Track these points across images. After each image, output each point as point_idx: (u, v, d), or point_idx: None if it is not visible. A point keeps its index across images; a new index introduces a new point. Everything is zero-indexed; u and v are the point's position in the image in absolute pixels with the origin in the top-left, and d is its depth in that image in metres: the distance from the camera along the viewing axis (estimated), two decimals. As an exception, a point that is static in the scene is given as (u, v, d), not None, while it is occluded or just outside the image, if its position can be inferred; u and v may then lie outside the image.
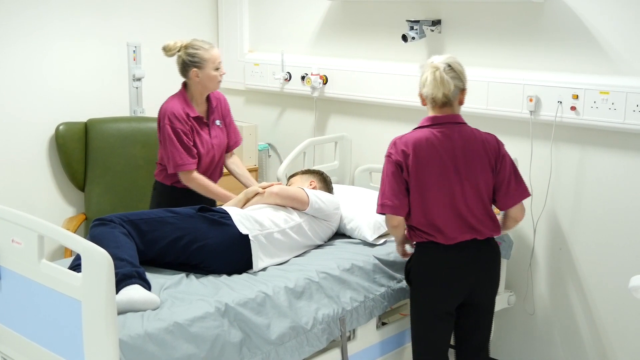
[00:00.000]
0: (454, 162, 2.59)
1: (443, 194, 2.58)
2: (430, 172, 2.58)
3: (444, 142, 2.60)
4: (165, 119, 3.23)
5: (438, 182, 2.58)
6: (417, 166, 2.58)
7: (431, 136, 2.61)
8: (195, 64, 3.23)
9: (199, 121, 3.29)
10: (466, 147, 2.61)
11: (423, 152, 2.59)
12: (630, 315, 3.15)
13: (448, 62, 2.65)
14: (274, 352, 2.43)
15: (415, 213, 2.61)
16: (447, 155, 2.59)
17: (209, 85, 3.28)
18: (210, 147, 3.31)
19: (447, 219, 2.58)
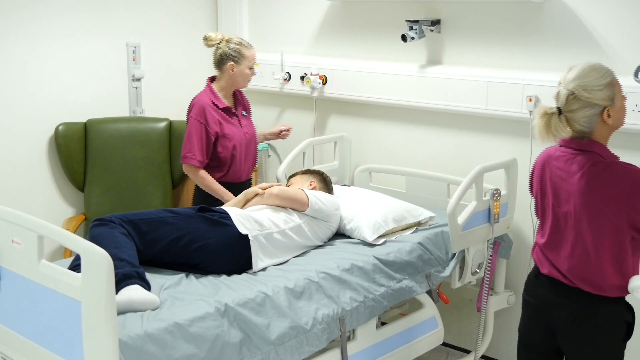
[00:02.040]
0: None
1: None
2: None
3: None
4: (190, 111, 3.40)
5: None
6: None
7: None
8: (234, 57, 3.39)
9: (227, 112, 3.44)
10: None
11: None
12: (630, 315, 3.15)
13: (574, 89, 2.21)
14: (274, 352, 2.43)
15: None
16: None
17: (239, 81, 3.44)
18: (243, 136, 3.47)
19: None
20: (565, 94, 2.23)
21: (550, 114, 2.23)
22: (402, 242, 3.10)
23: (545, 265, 2.39)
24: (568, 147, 2.31)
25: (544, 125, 2.23)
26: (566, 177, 2.29)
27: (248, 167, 3.56)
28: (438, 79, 3.56)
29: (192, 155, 3.35)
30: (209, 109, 3.37)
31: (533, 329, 2.46)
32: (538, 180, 2.42)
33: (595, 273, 2.26)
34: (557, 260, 2.34)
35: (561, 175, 2.31)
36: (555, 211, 2.34)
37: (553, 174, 2.35)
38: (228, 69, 3.39)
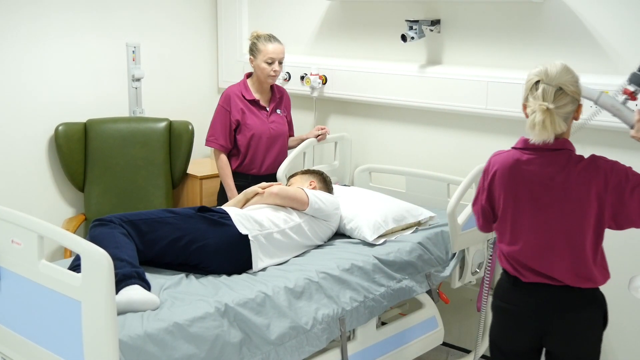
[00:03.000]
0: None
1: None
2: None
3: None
4: (220, 99, 3.65)
5: None
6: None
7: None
8: (252, 52, 3.61)
9: (255, 104, 3.63)
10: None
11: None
12: (629, 316, 3.15)
13: (561, 84, 2.20)
14: (274, 352, 2.43)
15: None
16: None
17: (259, 75, 3.61)
18: (266, 129, 3.63)
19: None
20: (553, 90, 2.20)
21: (552, 110, 2.19)
22: (402, 242, 3.10)
23: (526, 274, 2.31)
24: (536, 149, 2.26)
25: (549, 121, 2.18)
26: (546, 180, 2.25)
27: (271, 162, 3.65)
28: (438, 79, 3.56)
29: (214, 139, 3.62)
30: (234, 98, 3.60)
31: (516, 336, 2.38)
32: (504, 187, 2.32)
33: (585, 267, 2.27)
34: (545, 266, 2.28)
35: (540, 180, 2.26)
36: (537, 217, 2.27)
37: (527, 179, 2.27)
38: (250, 62, 3.64)
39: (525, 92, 2.27)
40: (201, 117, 4.37)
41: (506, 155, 2.34)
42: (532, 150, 2.28)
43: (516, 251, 2.32)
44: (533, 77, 2.24)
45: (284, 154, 3.72)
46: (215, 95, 4.64)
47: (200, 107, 4.51)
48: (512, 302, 2.37)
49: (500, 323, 2.43)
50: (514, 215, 2.32)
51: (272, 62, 3.56)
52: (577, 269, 2.26)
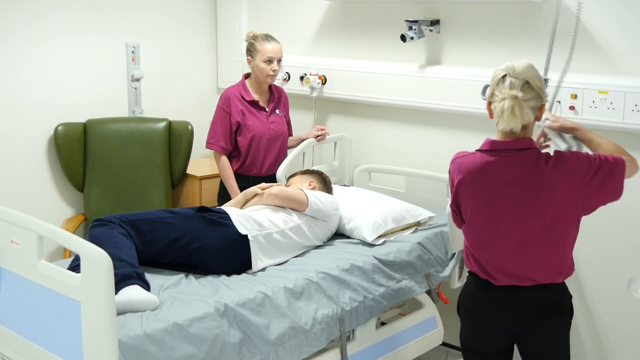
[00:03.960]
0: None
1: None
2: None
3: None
4: (219, 101, 3.64)
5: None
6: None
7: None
8: (249, 52, 3.60)
9: (254, 105, 3.62)
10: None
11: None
12: (629, 316, 3.16)
13: (527, 78, 2.21)
14: (274, 352, 2.43)
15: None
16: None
17: (258, 75, 3.60)
18: (266, 130, 3.62)
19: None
20: (520, 83, 2.20)
21: (520, 98, 2.18)
22: (402, 242, 3.10)
23: (499, 277, 2.29)
24: (505, 150, 2.25)
25: (517, 107, 2.17)
26: (519, 181, 2.24)
27: (271, 163, 3.65)
28: (437, 79, 3.56)
29: (215, 141, 3.61)
30: (234, 100, 3.59)
31: (489, 338, 2.36)
32: (474, 192, 2.29)
33: (560, 261, 2.28)
34: (521, 268, 2.26)
35: (511, 181, 2.24)
36: (512, 219, 2.25)
37: (499, 181, 2.25)
38: (247, 63, 3.63)
39: (491, 88, 2.26)
40: (201, 118, 4.37)
41: (472, 159, 2.30)
42: (501, 152, 2.26)
43: (490, 254, 2.29)
44: (499, 72, 2.25)
45: (284, 154, 3.72)
46: (215, 96, 4.64)
47: (199, 107, 4.51)
48: (484, 305, 2.34)
49: (471, 326, 2.41)
50: (488, 219, 2.28)
51: (271, 61, 3.55)
52: (554, 265, 2.27)
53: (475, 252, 2.33)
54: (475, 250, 2.34)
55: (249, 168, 3.64)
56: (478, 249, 2.32)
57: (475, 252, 2.34)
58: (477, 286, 2.36)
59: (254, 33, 3.62)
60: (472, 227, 2.33)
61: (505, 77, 2.22)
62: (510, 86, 2.20)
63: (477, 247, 2.33)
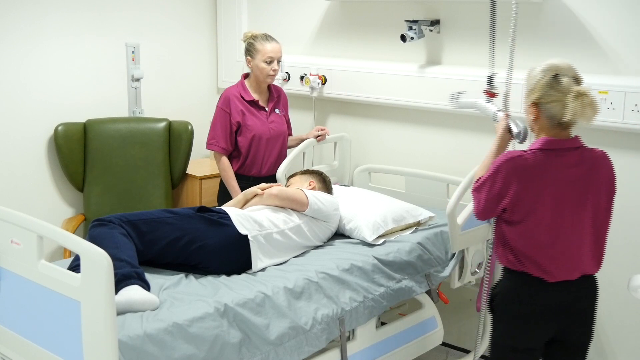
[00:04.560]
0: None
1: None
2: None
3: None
4: (219, 101, 3.63)
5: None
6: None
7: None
8: (249, 52, 3.59)
9: (254, 105, 3.62)
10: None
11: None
12: (629, 315, 3.16)
13: (575, 76, 2.28)
14: (273, 352, 2.43)
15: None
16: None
17: (258, 75, 3.59)
18: (266, 130, 3.62)
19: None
20: (572, 80, 2.26)
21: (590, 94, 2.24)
22: (402, 242, 3.10)
23: (555, 273, 2.32)
24: (563, 149, 2.30)
25: (595, 101, 2.23)
26: (578, 178, 2.30)
27: (271, 163, 3.64)
28: (437, 79, 3.55)
29: (215, 142, 3.60)
30: (234, 100, 3.58)
31: (541, 332, 2.38)
32: (537, 189, 2.29)
33: (602, 253, 2.39)
34: (577, 262, 2.33)
35: (572, 178, 2.29)
36: (574, 216, 2.30)
37: (560, 178, 2.29)
38: (247, 63, 3.61)
39: (541, 90, 2.27)
40: (201, 118, 4.37)
41: (533, 158, 2.30)
42: (560, 150, 2.30)
43: (551, 251, 2.31)
44: (547, 72, 2.27)
45: (284, 154, 3.72)
46: (215, 96, 4.64)
47: (199, 107, 4.51)
48: (536, 303, 2.35)
49: (518, 326, 2.39)
50: (551, 217, 2.30)
51: (272, 61, 3.55)
52: (598, 257, 2.38)
53: (532, 250, 2.32)
54: (532, 249, 2.32)
55: (249, 168, 3.63)
56: (537, 247, 2.31)
57: (531, 251, 2.32)
58: (527, 285, 2.35)
59: (253, 33, 3.61)
60: (533, 225, 2.31)
61: (557, 76, 2.25)
62: (568, 84, 2.24)
63: (536, 245, 2.31)
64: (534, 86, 2.28)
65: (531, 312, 2.36)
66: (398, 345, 3.02)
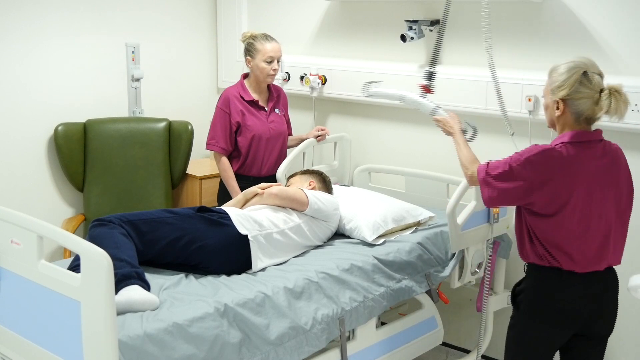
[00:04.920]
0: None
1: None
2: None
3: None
4: (218, 101, 3.63)
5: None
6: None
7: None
8: (249, 52, 3.59)
9: (254, 105, 3.62)
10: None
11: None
12: (629, 315, 3.15)
13: (600, 73, 2.35)
14: (274, 352, 2.43)
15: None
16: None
17: (258, 74, 3.58)
18: (266, 130, 3.62)
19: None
20: (600, 78, 2.33)
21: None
22: (402, 242, 3.10)
23: (585, 264, 2.36)
24: (589, 141, 2.36)
25: (625, 99, 2.31)
26: (605, 170, 2.37)
27: (271, 163, 3.64)
28: (437, 78, 3.55)
29: (215, 142, 3.59)
30: (233, 100, 3.58)
31: (566, 330, 2.43)
32: (571, 181, 2.32)
33: (623, 244, 2.47)
34: (604, 253, 2.39)
35: (600, 170, 2.36)
36: (603, 207, 2.36)
37: (591, 171, 2.34)
38: (247, 63, 3.60)
39: (571, 86, 2.31)
40: (201, 118, 4.37)
41: (566, 151, 2.33)
42: (587, 143, 2.36)
43: (582, 242, 2.34)
44: (576, 70, 2.31)
45: (284, 154, 3.72)
46: (215, 96, 4.64)
47: (199, 107, 4.51)
48: (567, 298, 2.38)
49: (548, 322, 2.42)
50: (583, 208, 2.34)
51: (272, 60, 3.55)
52: (621, 248, 2.45)
53: (564, 241, 2.35)
54: (564, 239, 2.35)
55: (249, 168, 3.63)
56: (570, 237, 2.35)
57: (563, 241, 2.35)
58: (558, 279, 2.38)
59: (252, 33, 3.61)
60: (567, 216, 2.34)
61: (587, 73, 2.31)
62: (599, 81, 2.31)
63: (568, 236, 2.35)
64: (563, 83, 2.32)
65: (561, 307, 2.38)
66: (398, 345, 3.02)
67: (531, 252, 2.42)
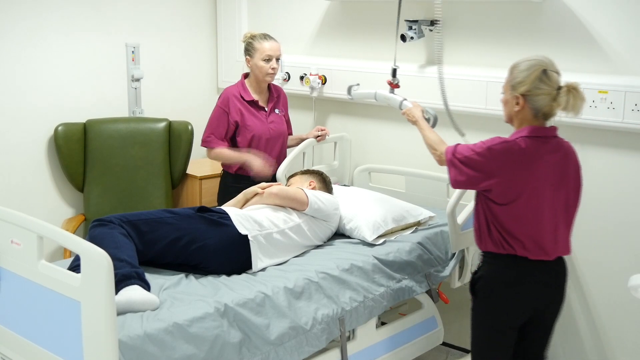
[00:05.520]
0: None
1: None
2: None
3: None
4: (218, 100, 3.63)
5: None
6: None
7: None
8: (248, 51, 3.60)
9: (254, 105, 3.61)
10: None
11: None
12: (629, 315, 3.16)
13: (558, 71, 2.47)
14: (274, 352, 2.43)
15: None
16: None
17: (257, 73, 3.59)
18: (266, 130, 3.61)
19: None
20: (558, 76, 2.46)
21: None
22: (402, 242, 3.10)
23: (537, 251, 2.47)
24: (546, 137, 2.47)
25: (582, 96, 2.42)
26: (557, 164, 2.47)
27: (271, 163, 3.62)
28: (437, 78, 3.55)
29: (211, 139, 3.58)
30: (233, 99, 3.58)
31: (524, 310, 2.53)
32: (529, 172, 2.44)
33: (569, 236, 2.57)
34: (554, 242, 2.48)
35: (553, 164, 2.46)
36: (553, 199, 2.47)
37: (547, 162, 2.45)
38: (246, 62, 3.61)
39: (531, 83, 2.42)
40: (201, 118, 4.36)
41: (524, 143, 2.44)
42: (545, 138, 2.47)
43: (535, 230, 2.45)
44: (536, 67, 2.43)
45: (284, 154, 3.72)
46: (215, 96, 4.64)
47: (199, 107, 4.50)
48: (522, 283, 2.49)
49: (504, 305, 2.52)
50: (538, 198, 2.45)
51: (270, 59, 3.55)
52: (568, 240, 2.55)
53: (519, 230, 2.45)
54: (518, 228, 2.45)
55: (249, 168, 3.62)
56: (523, 227, 2.45)
57: (518, 230, 2.45)
58: (513, 265, 2.49)
59: (252, 33, 3.62)
60: (522, 206, 2.45)
61: (546, 71, 2.42)
62: (557, 79, 2.44)
63: (522, 226, 2.45)
64: (523, 80, 2.44)
65: (516, 292, 2.49)
66: (398, 345, 3.02)
67: (489, 240, 2.53)
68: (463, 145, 2.55)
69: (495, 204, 2.48)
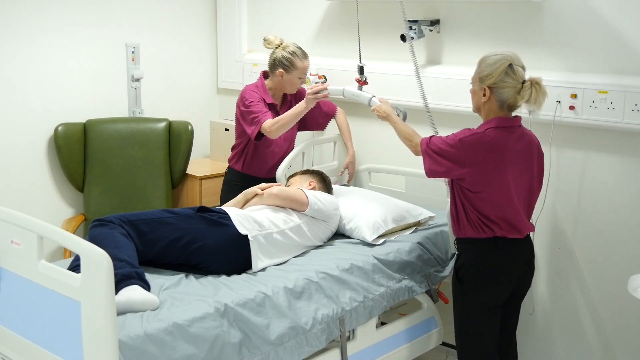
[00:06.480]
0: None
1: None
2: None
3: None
4: (239, 101, 3.50)
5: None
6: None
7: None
8: (285, 66, 3.46)
9: (272, 108, 3.52)
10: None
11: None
12: (630, 315, 3.16)
13: (523, 66, 2.66)
14: (274, 352, 2.43)
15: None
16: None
17: (287, 87, 3.54)
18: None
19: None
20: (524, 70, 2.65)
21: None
22: (402, 242, 3.10)
23: (511, 231, 2.66)
24: (513, 126, 2.66)
25: (544, 91, 2.63)
26: (522, 151, 2.67)
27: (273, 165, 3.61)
28: (437, 78, 3.55)
29: (264, 113, 3.38)
30: (256, 98, 3.48)
31: (506, 288, 2.72)
32: (500, 160, 2.61)
33: (531, 217, 2.80)
34: (523, 222, 2.69)
35: (520, 149, 2.66)
36: (517, 184, 2.66)
37: (515, 150, 2.64)
38: (278, 75, 3.49)
39: (498, 76, 2.61)
40: (201, 118, 4.38)
41: (494, 134, 2.62)
42: (511, 128, 2.66)
43: (509, 211, 2.64)
44: (503, 61, 2.61)
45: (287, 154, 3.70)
46: (215, 96, 4.64)
47: (199, 107, 4.51)
48: (503, 261, 2.68)
49: (489, 286, 2.70)
50: (511, 182, 2.64)
51: (303, 77, 3.52)
52: (530, 219, 2.77)
53: (493, 213, 2.64)
54: (493, 212, 2.63)
55: (253, 168, 3.60)
56: (497, 210, 2.63)
57: (493, 214, 2.63)
58: (494, 245, 2.66)
59: (283, 43, 3.49)
60: (495, 191, 2.63)
61: (512, 65, 2.60)
62: (522, 73, 2.62)
63: (496, 209, 2.63)
64: (490, 73, 2.62)
65: (502, 270, 2.68)
66: (398, 345, 3.02)
67: (467, 226, 2.69)
68: (437, 137, 2.73)
69: (469, 191, 2.65)
